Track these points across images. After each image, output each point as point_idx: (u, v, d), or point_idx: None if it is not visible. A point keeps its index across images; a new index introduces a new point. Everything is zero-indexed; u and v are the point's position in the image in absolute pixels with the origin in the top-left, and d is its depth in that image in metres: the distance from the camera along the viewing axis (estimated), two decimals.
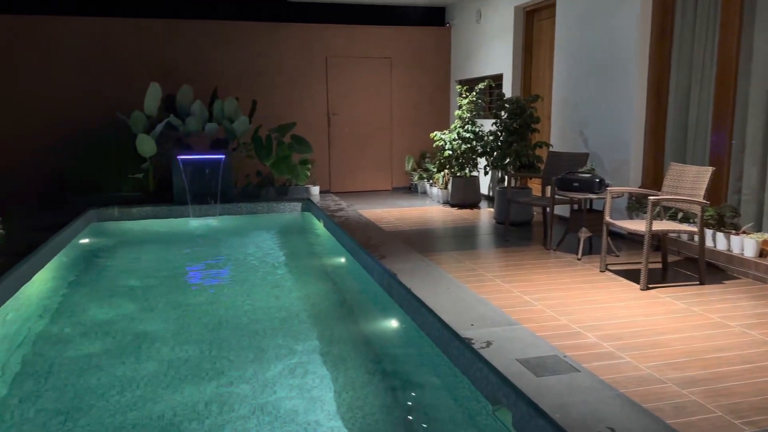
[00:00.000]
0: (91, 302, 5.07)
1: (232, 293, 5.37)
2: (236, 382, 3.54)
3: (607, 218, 4.86)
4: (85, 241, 7.25)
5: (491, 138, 7.68)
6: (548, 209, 5.94)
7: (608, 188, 5.17)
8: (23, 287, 4.93)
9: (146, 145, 8.03)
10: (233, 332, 4.36)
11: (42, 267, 5.55)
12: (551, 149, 7.17)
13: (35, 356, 3.95)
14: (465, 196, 8.44)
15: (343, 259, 6.35)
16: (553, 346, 3.18)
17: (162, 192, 8.69)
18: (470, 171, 8.48)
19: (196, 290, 5.53)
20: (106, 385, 3.50)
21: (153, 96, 8.31)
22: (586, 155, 6.26)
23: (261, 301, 5.10)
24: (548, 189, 6.28)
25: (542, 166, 6.96)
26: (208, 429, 3.02)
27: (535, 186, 7.93)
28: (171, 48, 9.26)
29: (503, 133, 7.36)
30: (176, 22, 9.25)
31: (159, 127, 8.13)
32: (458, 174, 8.45)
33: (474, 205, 8.51)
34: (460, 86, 8.71)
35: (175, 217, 8.23)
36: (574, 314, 3.84)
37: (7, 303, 4.49)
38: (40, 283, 5.39)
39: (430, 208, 8.49)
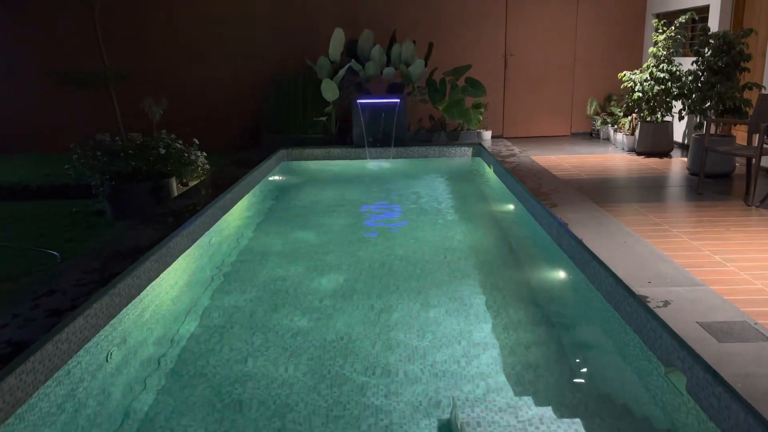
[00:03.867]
0: (280, 232, 5.61)
1: (401, 233, 5.58)
2: (401, 314, 3.73)
3: None
4: (276, 178, 7.98)
5: (690, 78, 6.85)
6: (753, 160, 5.21)
7: None
8: (225, 216, 5.59)
9: (330, 90, 8.49)
10: (402, 268, 4.56)
11: (239, 199, 6.23)
12: (763, 91, 6.21)
13: (233, 274, 4.52)
14: (654, 144, 7.72)
15: (512, 206, 6.23)
16: (743, 311, 2.85)
17: (342, 135, 9.17)
18: (662, 116, 7.69)
19: (369, 227, 5.85)
20: (290, 303, 3.90)
21: (337, 41, 8.70)
22: None
23: (429, 242, 5.24)
24: (755, 137, 5.48)
25: (750, 111, 6.07)
26: (377, 352, 3.24)
27: (739, 134, 6.98)
28: None
29: (705, 73, 6.52)
30: None
31: (341, 72, 8.52)
32: (648, 119, 7.72)
33: (664, 153, 7.75)
34: (656, 20, 7.82)
35: (354, 159, 8.68)
36: None
37: (211, 228, 5.14)
38: (238, 213, 6.08)
39: (613, 156, 7.92)
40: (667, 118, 7.80)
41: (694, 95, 6.69)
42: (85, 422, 2.69)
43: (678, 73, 7.35)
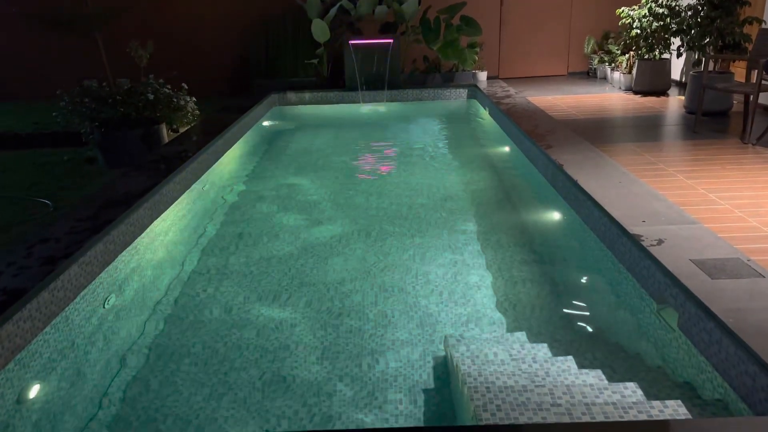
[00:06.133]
0: (274, 177, 5.57)
1: (396, 175, 5.54)
2: (397, 253, 3.75)
3: None
4: (268, 123, 7.86)
5: (690, 13, 6.68)
6: (751, 97, 5.14)
7: None
8: (217, 162, 5.53)
9: (320, 30, 8.25)
10: (397, 210, 4.55)
11: (232, 145, 6.15)
12: (764, 26, 6.06)
13: (228, 220, 4.51)
14: (652, 82, 7.60)
15: (507, 148, 6.18)
16: (736, 248, 2.87)
17: (335, 78, 8.98)
18: (661, 53, 7.54)
19: (364, 170, 5.81)
20: (286, 250, 3.91)
21: None
22: None
23: (424, 185, 5.21)
24: (754, 74, 5.40)
25: (750, 47, 5.95)
26: (377, 290, 3.27)
27: (738, 70, 6.86)
28: None
29: (705, 7, 6.35)
30: None
31: (332, 11, 8.27)
32: (646, 56, 7.58)
33: (662, 92, 7.65)
34: None
35: (347, 103, 8.53)
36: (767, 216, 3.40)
37: (203, 176, 5.10)
38: (231, 159, 6.01)
39: (610, 95, 7.81)
40: (665, 56, 7.65)
41: (693, 31, 6.53)
42: (85, 367, 2.73)
43: (677, 8, 7.16)
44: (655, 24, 7.27)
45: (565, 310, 3.16)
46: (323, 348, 2.83)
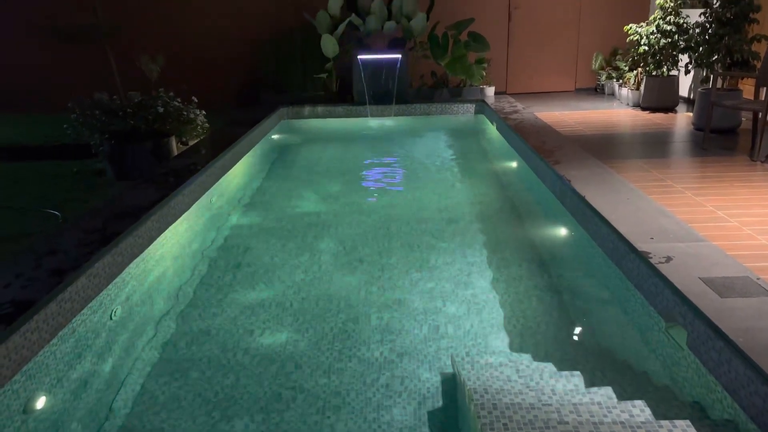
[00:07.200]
0: (281, 191, 5.59)
1: (403, 190, 5.55)
2: (402, 273, 3.74)
3: None
4: (277, 136, 7.90)
5: (698, 31, 6.69)
6: (760, 114, 5.13)
7: None
8: (225, 175, 5.56)
9: (329, 46, 8.31)
10: (403, 226, 4.55)
11: (241, 158, 6.18)
12: None
13: (234, 234, 4.52)
14: (660, 99, 7.60)
15: (515, 164, 6.18)
16: (745, 267, 2.85)
17: (343, 92, 9.03)
18: (668, 70, 7.55)
19: (370, 185, 5.82)
20: (290, 264, 3.91)
21: None
22: None
23: (430, 200, 5.22)
24: (763, 91, 5.39)
25: (758, 64, 5.94)
26: (378, 308, 3.26)
27: (747, 87, 6.85)
28: None
29: (713, 25, 6.36)
30: None
31: (341, 27, 8.33)
32: (654, 73, 7.58)
33: (670, 108, 7.64)
34: None
35: (355, 117, 8.57)
36: None
37: (211, 188, 5.12)
38: (239, 172, 6.04)
39: (618, 112, 7.81)
40: (673, 73, 7.66)
41: (701, 48, 6.54)
42: (91, 378, 2.73)
43: (685, 25, 7.17)
44: (663, 41, 7.28)
45: (572, 327, 3.14)
46: (329, 363, 2.82)
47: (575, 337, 3.05)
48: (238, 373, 2.77)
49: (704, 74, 6.66)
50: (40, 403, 2.46)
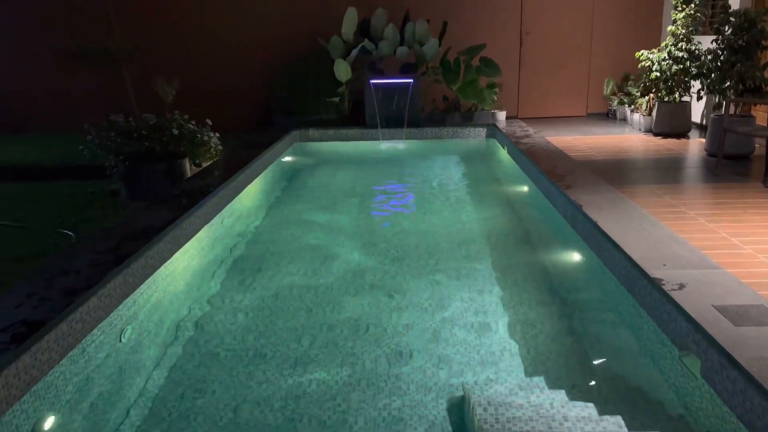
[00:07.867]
0: (293, 213, 5.62)
1: (414, 213, 5.56)
2: (413, 296, 3.72)
3: None
4: (289, 159, 7.96)
5: (709, 57, 6.70)
6: None
7: None
8: (237, 197, 5.60)
9: (342, 70, 8.42)
10: (413, 249, 4.54)
11: (253, 180, 6.23)
12: None
13: (246, 254, 4.53)
14: (672, 124, 7.58)
15: (526, 188, 6.17)
16: (760, 295, 2.81)
17: (355, 115, 9.11)
18: (680, 96, 7.55)
19: (382, 208, 5.83)
20: (302, 284, 3.91)
21: (350, 21, 8.60)
22: None
23: (441, 223, 5.21)
24: None
25: None
26: (391, 332, 3.25)
27: (759, 114, 6.84)
28: None
29: (725, 52, 6.37)
30: None
31: (354, 52, 8.44)
32: (666, 99, 7.58)
33: (682, 134, 7.62)
34: None
35: (367, 140, 8.63)
36: None
37: (223, 210, 5.15)
38: (251, 193, 6.08)
39: (629, 137, 7.80)
40: (685, 99, 7.65)
41: (713, 74, 6.54)
42: (99, 400, 2.73)
43: (697, 52, 7.19)
44: (675, 67, 7.29)
45: (585, 355, 3.10)
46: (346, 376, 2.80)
47: (587, 365, 3.01)
48: (246, 397, 2.75)
49: (716, 100, 6.66)
50: (49, 423, 2.46)
